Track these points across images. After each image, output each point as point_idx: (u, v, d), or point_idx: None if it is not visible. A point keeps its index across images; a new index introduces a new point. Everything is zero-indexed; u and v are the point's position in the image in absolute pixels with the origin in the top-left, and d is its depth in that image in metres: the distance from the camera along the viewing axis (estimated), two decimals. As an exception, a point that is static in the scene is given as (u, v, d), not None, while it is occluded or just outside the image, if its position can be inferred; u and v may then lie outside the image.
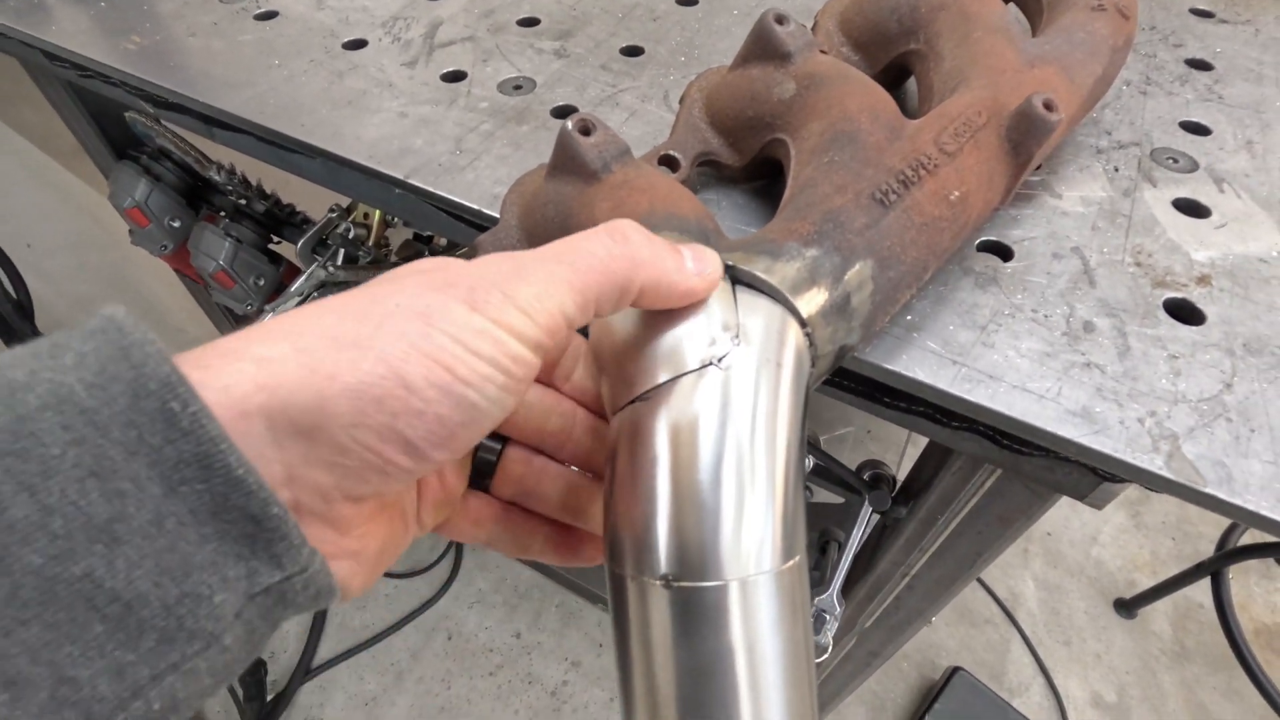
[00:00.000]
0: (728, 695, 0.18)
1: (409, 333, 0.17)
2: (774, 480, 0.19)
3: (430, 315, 0.18)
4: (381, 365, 0.17)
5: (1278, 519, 0.25)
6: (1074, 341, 0.30)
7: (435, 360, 0.17)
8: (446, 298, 0.18)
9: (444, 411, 0.18)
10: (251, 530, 0.16)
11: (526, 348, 0.19)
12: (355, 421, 0.17)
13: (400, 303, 0.18)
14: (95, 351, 0.15)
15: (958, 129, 0.28)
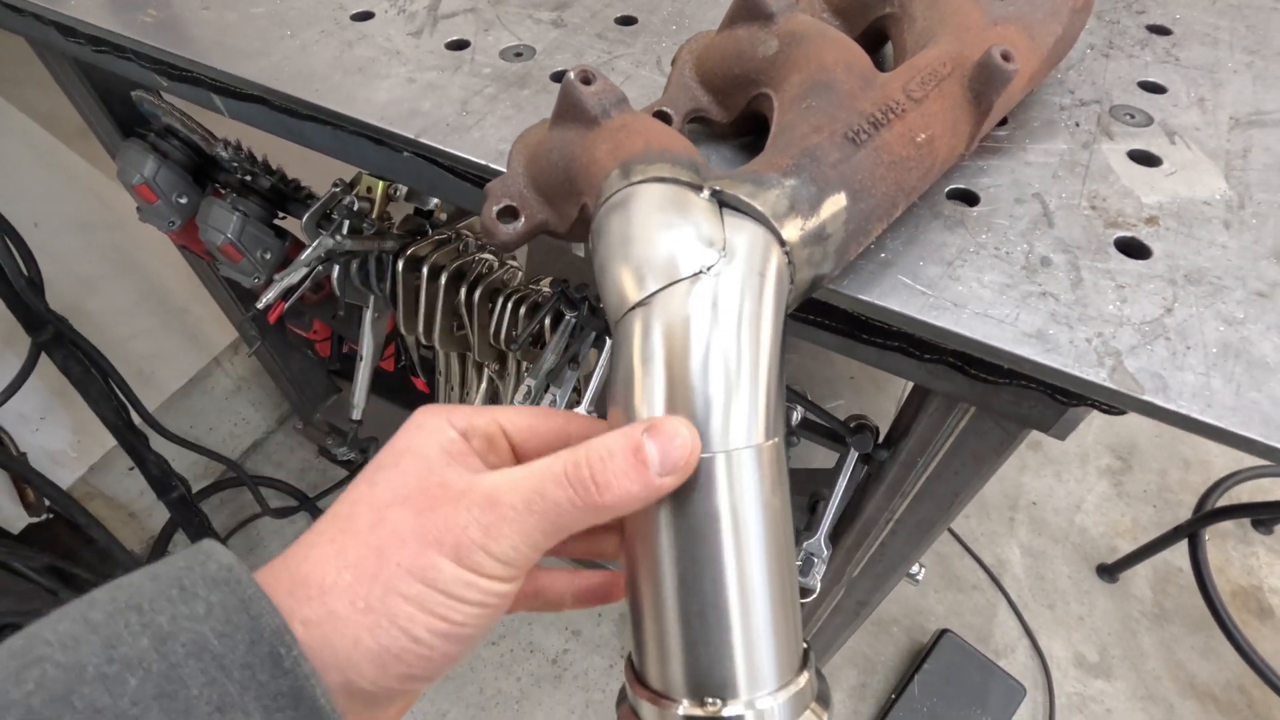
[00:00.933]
0: (716, 552, 0.21)
1: (412, 596, 0.22)
2: (757, 371, 0.22)
3: (427, 577, 0.22)
4: (395, 629, 0.22)
5: (1206, 421, 0.28)
6: (1031, 274, 0.33)
7: (435, 615, 0.22)
8: (438, 556, 0.22)
9: (446, 649, 0.23)
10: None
11: (505, 585, 0.23)
12: (377, 677, 0.22)
13: (401, 562, 0.22)
14: (221, 603, 0.20)
15: (924, 78, 0.30)
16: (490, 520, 0.23)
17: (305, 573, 0.22)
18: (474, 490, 0.23)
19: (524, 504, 0.23)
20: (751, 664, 0.22)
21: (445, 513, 0.23)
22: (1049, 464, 1.47)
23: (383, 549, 0.22)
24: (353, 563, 0.22)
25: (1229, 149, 0.39)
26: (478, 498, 0.23)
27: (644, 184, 0.25)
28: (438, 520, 0.23)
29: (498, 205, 0.31)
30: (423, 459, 0.24)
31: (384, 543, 0.22)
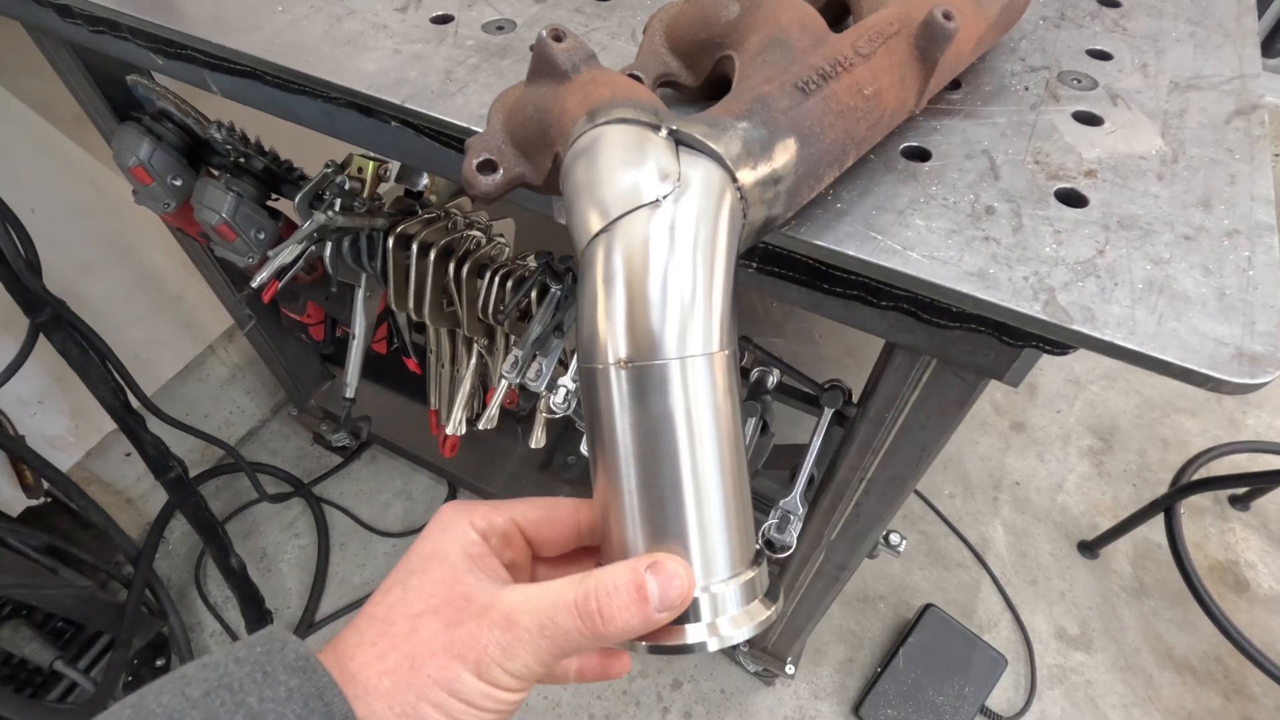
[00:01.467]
0: (672, 448, 0.24)
1: (439, 704, 0.25)
2: (711, 290, 0.25)
3: (452, 688, 0.26)
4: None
5: (1128, 347, 0.30)
6: (976, 221, 0.35)
7: (448, 717, 0.26)
8: (462, 670, 0.26)
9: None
10: None
11: (516, 695, 0.27)
12: None
13: (431, 674, 0.26)
14: (300, 689, 0.24)
15: (872, 35, 0.33)
16: (508, 640, 0.26)
17: (353, 671, 0.25)
18: (495, 609, 0.27)
19: (538, 628, 0.26)
20: (706, 552, 0.24)
21: (469, 629, 0.26)
22: (1032, 445, 1.50)
23: (415, 658, 0.26)
24: (391, 669, 0.26)
25: (1167, 109, 0.42)
26: (498, 618, 0.26)
27: (608, 125, 0.27)
28: (463, 636, 0.26)
29: (477, 158, 0.34)
30: (448, 566, 0.28)
31: (417, 652, 0.26)
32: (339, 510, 1.38)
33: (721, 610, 0.24)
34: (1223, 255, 0.34)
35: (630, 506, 0.24)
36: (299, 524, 1.37)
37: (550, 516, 0.31)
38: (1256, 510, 1.39)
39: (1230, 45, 0.46)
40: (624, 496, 0.24)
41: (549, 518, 0.31)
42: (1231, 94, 0.43)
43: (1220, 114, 0.41)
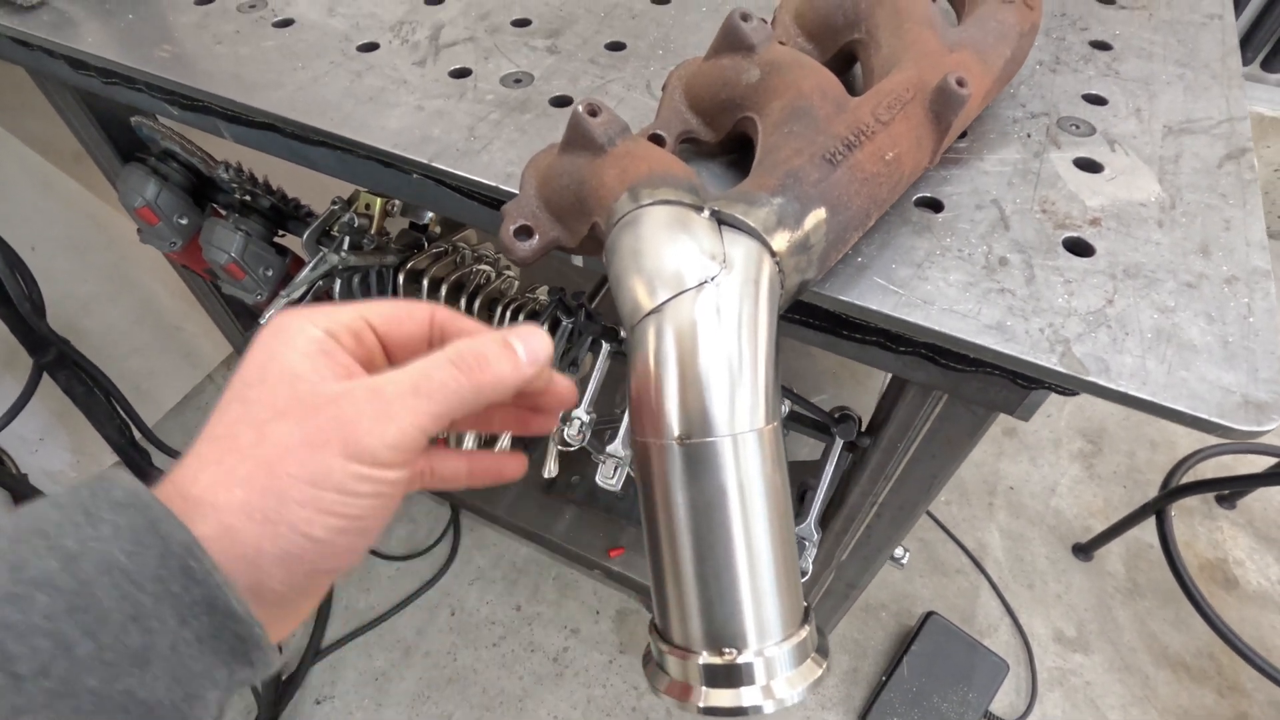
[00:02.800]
0: (726, 522, 0.25)
1: (307, 500, 0.23)
2: (756, 366, 0.26)
3: (318, 479, 0.23)
4: (294, 535, 0.23)
5: (1142, 397, 0.32)
6: (991, 273, 0.37)
7: (331, 514, 0.23)
8: (329, 457, 0.23)
9: (348, 543, 0.24)
10: (238, 645, 0.22)
11: (396, 472, 0.24)
12: (285, 578, 0.23)
13: (292, 472, 0.23)
14: (129, 525, 0.21)
15: (890, 103, 0.34)
16: (377, 408, 0.23)
17: (197, 495, 0.22)
18: (356, 388, 0.24)
19: (410, 388, 0.24)
20: (760, 619, 0.25)
21: (329, 413, 0.23)
22: (1024, 450, 1.53)
23: (270, 463, 0.23)
24: (243, 480, 0.23)
25: (1162, 155, 0.44)
26: (361, 392, 0.24)
27: (652, 206, 0.29)
28: (323, 423, 0.23)
29: (514, 225, 0.35)
30: (288, 371, 0.24)
31: (270, 456, 0.23)
32: (342, 535, 1.38)
33: (775, 673, 0.25)
34: (1224, 303, 0.36)
35: (687, 574, 0.26)
36: (302, 550, 1.37)
37: (402, 314, 0.28)
38: (1243, 509, 1.43)
39: (1218, 86, 0.49)
40: (681, 564, 0.26)
41: (401, 315, 0.28)
42: (1222, 137, 0.45)
43: (1212, 158, 0.43)
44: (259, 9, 0.56)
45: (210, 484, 0.23)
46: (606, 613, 1.29)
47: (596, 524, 1.16)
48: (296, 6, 0.56)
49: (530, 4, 0.57)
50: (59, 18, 0.55)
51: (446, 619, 1.29)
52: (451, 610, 1.30)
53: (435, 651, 1.25)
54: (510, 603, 1.30)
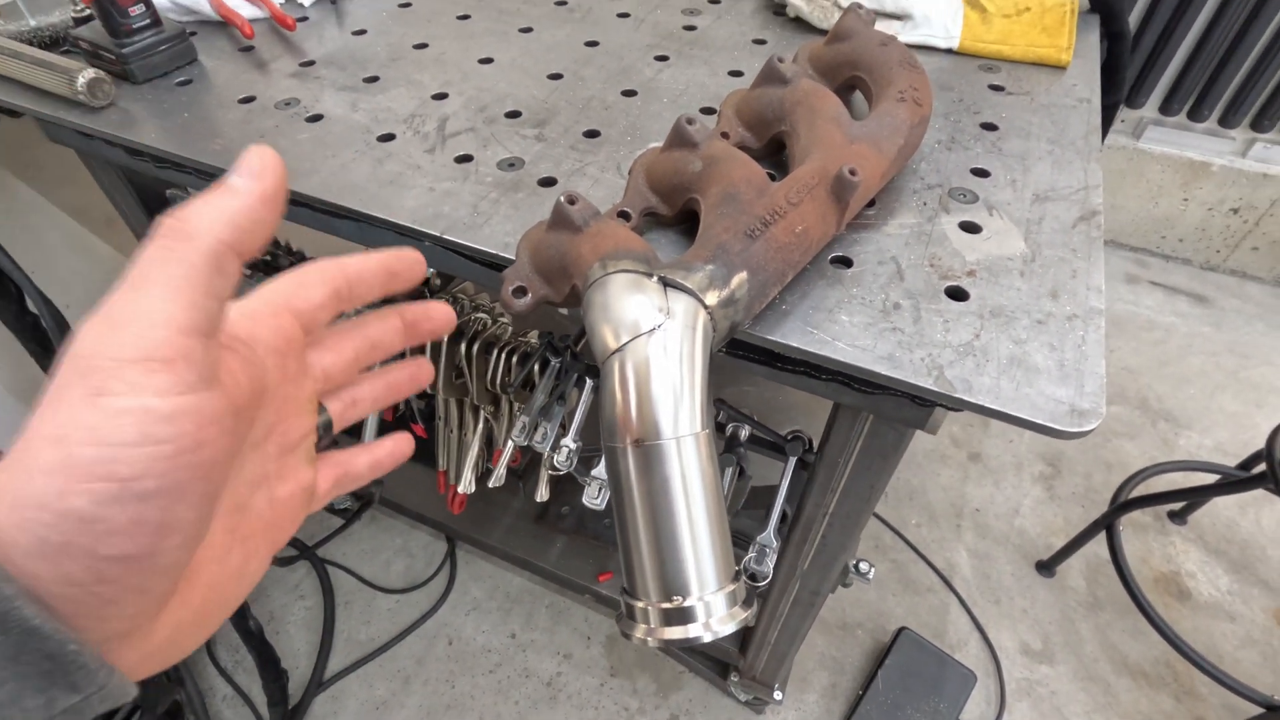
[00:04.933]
0: (671, 503, 0.34)
1: (55, 467, 0.17)
2: (694, 387, 0.36)
3: (63, 435, 0.18)
4: (47, 514, 0.17)
5: (995, 408, 0.42)
6: (886, 315, 0.47)
7: (92, 478, 0.17)
8: (68, 405, 0.18)
9: (129, 513, 0.18)
10: (49, 666, 0.17)
11: (174, 395, 0.18)
12: (59, 576, 0.18)
13: (34, 437, 0.18)
14: None
15: (799, 188, 0.45)
16: (104, 326, 0.18)
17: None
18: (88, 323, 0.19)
19: (128, 283, 0.19)
20: (700, 574, 0.35)
21: (67, 355, 0.18)
22: (988, 474, 1.63)
23: (20, 445, 0.18)
24: (6, 465, 0.18)
25: (1029, 218, 0.55)
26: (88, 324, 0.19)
27: (616, 273, 0.39)
28: (61, 374, 0.18)
29: (512, 286, 0.45)
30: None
31: (21, 441, 0.18)
32: (343, 570, 1.44)
33: (712, 613, 0.34)
34: (1064, 335, 0.46)
35: (645, 543, 0.35)
36: (304, 586, 1.43)
37: (299, 285, 0.28)
38: (1193, 524, 1.52)
39: (1079, 160, 0.60)
40: (640, 535, 0.35)
41: (298, 286, 0.28)
42: (1078, 203, 0.56)
43: (1069, 219, 0.55)
44: (293, 107, 0.67)
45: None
46: (597, 638, 1.36)
47: (586, 551, 1.24)
48: (324, 104, 0.67)
49: (520, 98, 0.68)
50: (125, 116, 0.65)
51: (444, 648, 1.34)
52: (449, 639, 1.36)
53: (434, 679, 1.30)
54: (505, 631, 1.37)
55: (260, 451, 0.27)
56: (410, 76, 0.72)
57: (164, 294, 0.19)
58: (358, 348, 0.32)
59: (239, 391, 0.23)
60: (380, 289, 0.31)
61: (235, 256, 0.21)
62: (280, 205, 0.23)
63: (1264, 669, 1.31)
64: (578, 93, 0.69)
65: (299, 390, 0.29)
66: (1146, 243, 2.13)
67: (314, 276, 0.29)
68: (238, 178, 0.22)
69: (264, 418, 0.27)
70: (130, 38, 0.67)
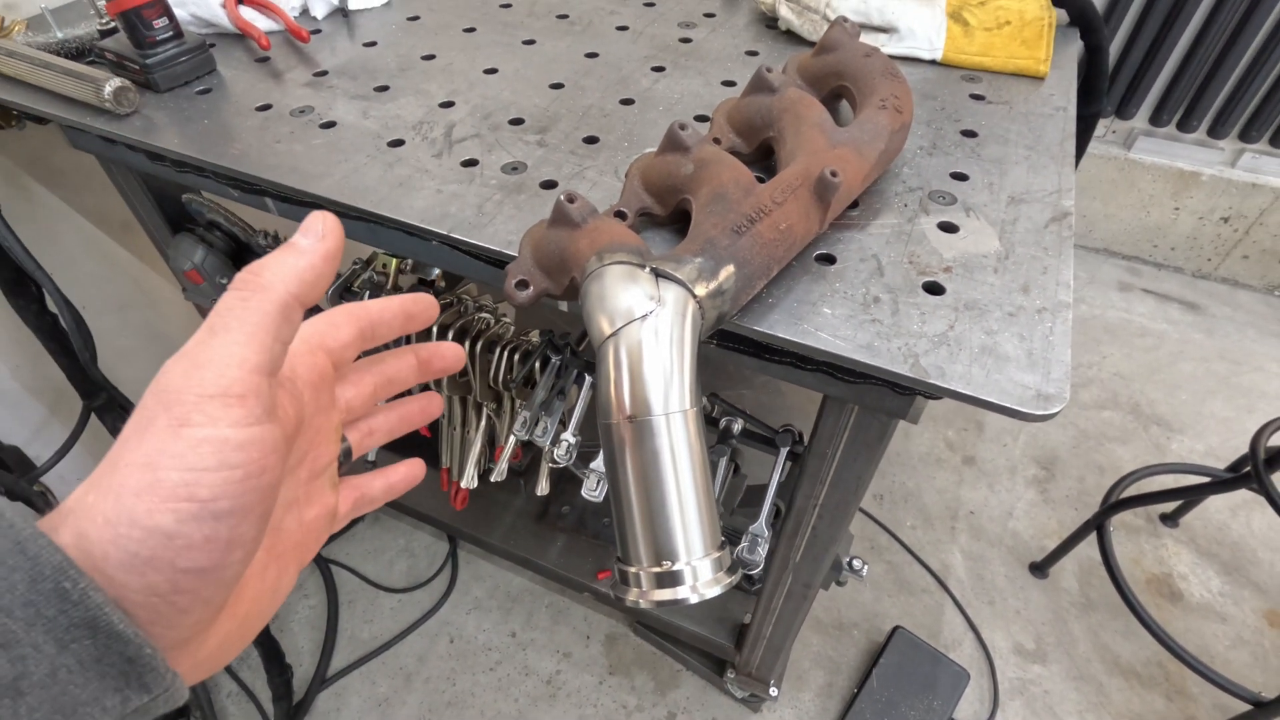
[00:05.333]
0: (662, 475, 0.37)
1: (144, 488, 0.20)
2: (683, 369, 0.39)
3: (152, 460, 0.20)
4: (137, 530, 0.20)
5: (966, 393, 0.45)
6: (866, 308, 0.50)
7: (175, 498, 0.20)
8: (155, 434, 0.20)
9: (205, 530, 0.20)
10: (126, 668, 0.20)
11: (245, 426, 0.21)
12: (143, 586, 0.20)
13: (127, 460, 0.20)
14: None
15: (784, 188, 0.48)
16: (185, 365, 0.21)
17: (67, 507, 0.21)
18: (168, 365, 0.22)
19: (206, 331, 0.22)
20: (687, 540, 0.37)
21: (151, 391, 0.22)
22: (983, 477, 1.65)
23: (114, 458, 0.21)
24: (95, 483, 0.21)
25: (1004, 219, 0.58)
26: (171, 362, 0.22)
27: (611, 265, 0.42)
28: (147, 401, 0.21)
29: (515, 279, 0.48)
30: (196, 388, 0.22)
31: (115, 452, 0.21)
32: (346, 570, 1.47)
33: (699, 577, 0.37)
34: (1034, 326, 0.49)
35: (637, 511, 0.38)
36: (308, 585, 1.45)
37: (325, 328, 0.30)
38: (1185, 527, 1.55)
39: (1054, 165, 0.63)
40: (633, 505, 0.38)
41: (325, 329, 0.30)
42: (1050, 205, 0.59)
43: (1041, 220, 0.58)
44: (308, 114, 0.70)
45: (76, 494, 0.21)
46: (596, 637, 1.38)
47: (585, 550, 1.26)
48: (337, 111, 0.71)
49: (523, 106, 0.72)
50: (148, 123, 0.69)
51: (446, 646, 1.37)
52: (450, 638, 1.38)
53: (435, 677, 1.32)
54: (505, 630, 1.39)
55: (294, 476, 0.30)
56: (419, 86, 0.75)
57: (239, 339, 0.22)
58: (377, 382, 0.35)
59: (289, 423, 0.26)
60: (399, 329, 0.34)
61: (300, 307, 0.25)
62: (338, 262, 0.27)
63: (1254, 669, 1.33)
64: (578, 101, 0.73)
65: (328, 421, 0.32)
66: (1139, 251, 2.16)
67: (342, 318, 0.32)
68: (304, 239, 0.25)
69: (300, 446, 0.30)
70: (154, 49, 0.71)
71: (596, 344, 0.40)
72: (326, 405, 0.32)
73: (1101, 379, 1.85)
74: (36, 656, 0.19)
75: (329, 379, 0.31)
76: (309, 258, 0.25)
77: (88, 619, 0.19)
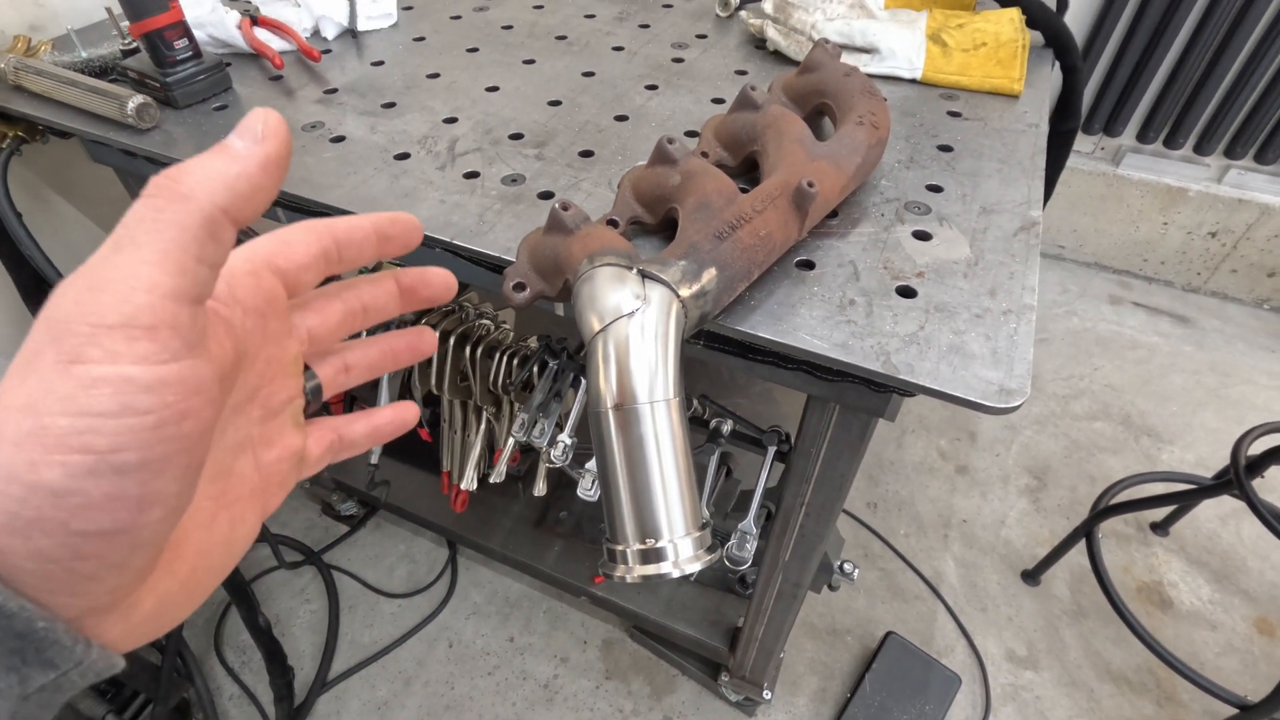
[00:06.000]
0: (646, 459, 0.40)
1: (26, 436, 0.16)
2: (667, 362, 0.42)
3: (35, 404, 0.17)
4: (14, 486, 0.16)
5: (933, 388, 0.48)
6: (842, 310, 0.54)
7: (66, 449, 0.17)
8: (41, 371, 0.17)
9: (106, 487, 0.17)
10: (19, 645, 0.17)
11: (156, 364, 0.17)
12: (31, 552, 0.17)
13: (5, 404, 0.17)
14: None
15: (764, 198, 0.52)
16: (83, 289, 0.17)
17: None
18: (65, 284, 0.18)
19: (113, 243, 0.18)
20: (670, 520, 0.40)
21: (41, 319, 0.17)
22: (975, 486, 1.67)
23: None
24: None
25: (975, 228, 0.61)
26: (68, 282, 0.18)
27: (601, 266, 0.45)
28: (34, 338, 0.17)
29: (512, 281, 0.51)
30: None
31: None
32: (347, 575, 1.49)
33: (681, 553, 0.40)
34: (999, 327, 0.52)
35: (624, 491, 0.41)
36: (310, 590, 1.48)
37: (286, 241, 0.26)
38: (1175, 535, 1.57)
39: (1025, 178, 0.67)
40: (620, 487, 0.41)
41: (286, 243, 0.26)
42: (1019, 215, 0.62)
43: (1010, 229, 0.61)
44: (319, 129, 0.74)
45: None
46: (593, 643, 1.40)
47: (582, 555, 1.29)
48: (346, 126, 0.75)
49: (523, 122, 0.76)
50: (167, 137, 0.73)
51: (445, 650, 1.39)
52: (449, 643, 1.40)
53: (434, 681, 1.34)
54: (504, 635, 1.41)
55: (243, 415, 0.26)
56: (424, 103, 0.79)
57: (150, 257, 0.18)
58: (348, 310, 0.31)
59: (224, 358, 0.23)
60: (373, 252, 0.29)
61: (230, 224, 0.20)
62: (282, 173, 0.22)
63: (1244, 675, 1.34)
64: (575, 117, 0.77)
65: (282, 352, 0.28)
66: (1129, 265, 2.19)
67: (299, 234, 0.27)
68: (238, 140, 0.21)
69: (246, 380, 0.26)
70: (174, 68, 0.75)
71: (587, 339, 0.44)
72: (279, 334, 0.28)
73: (1093, 390, 1.88)
74: None
75: (280, 304, 0.27)
76: (243, 164, 0.20)
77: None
